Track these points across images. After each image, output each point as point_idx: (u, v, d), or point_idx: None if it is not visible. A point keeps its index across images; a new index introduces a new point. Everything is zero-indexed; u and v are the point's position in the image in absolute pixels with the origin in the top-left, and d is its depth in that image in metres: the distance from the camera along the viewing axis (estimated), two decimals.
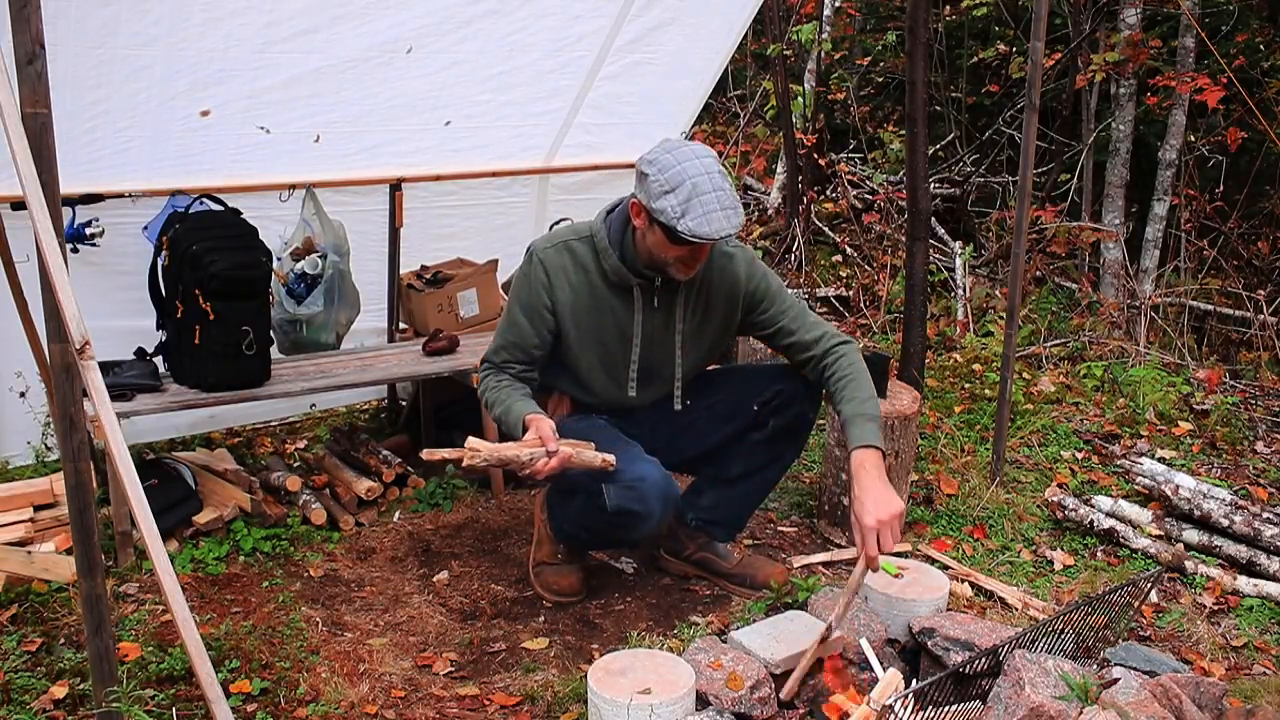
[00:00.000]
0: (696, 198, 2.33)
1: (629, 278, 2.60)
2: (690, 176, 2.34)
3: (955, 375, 4.81)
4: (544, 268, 2.62)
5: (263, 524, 3.19)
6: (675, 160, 2.37)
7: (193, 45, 3.08)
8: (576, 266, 2.62)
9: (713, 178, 2.36)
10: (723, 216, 2.34)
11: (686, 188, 2.33)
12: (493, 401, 2.66)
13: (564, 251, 2.63)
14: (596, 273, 2.62)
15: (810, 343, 2.68)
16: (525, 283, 2.65)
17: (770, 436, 2.81)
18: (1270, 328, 5.20)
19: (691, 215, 2.33)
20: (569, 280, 2.62)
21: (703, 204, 2.32)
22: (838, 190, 7.02)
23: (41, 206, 1.66)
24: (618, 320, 2.66)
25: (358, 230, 3.82)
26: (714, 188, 2.34)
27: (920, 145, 3.88)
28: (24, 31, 1.67)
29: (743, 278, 2.69)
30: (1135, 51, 5.75)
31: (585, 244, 2.63)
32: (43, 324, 1.82)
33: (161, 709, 2.28)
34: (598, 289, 2.63)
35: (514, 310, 2.67)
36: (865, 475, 2.37)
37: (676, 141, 2.46)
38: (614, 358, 2.70)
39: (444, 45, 3.56)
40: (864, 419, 2.48)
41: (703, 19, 4.24)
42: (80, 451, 1.84)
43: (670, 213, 2.34)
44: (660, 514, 2.60)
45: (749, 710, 2.23)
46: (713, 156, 2.42)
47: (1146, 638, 2.78)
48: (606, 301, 2.64)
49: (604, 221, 2.63)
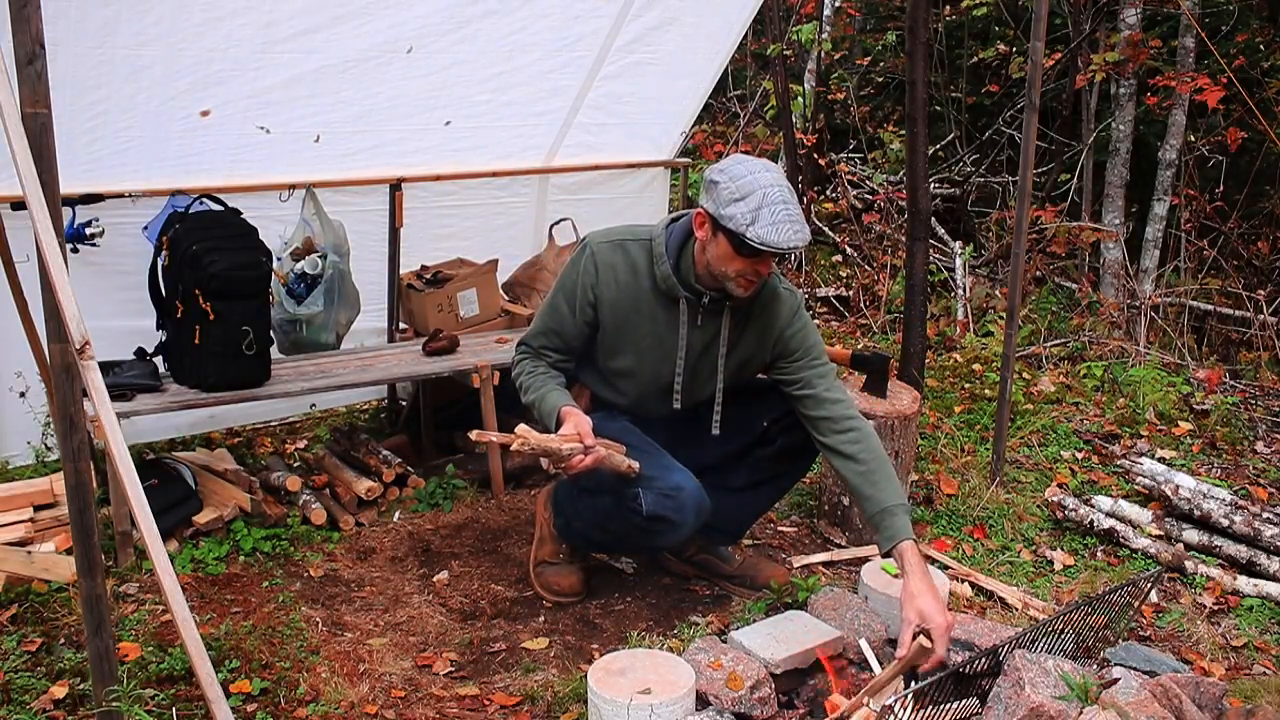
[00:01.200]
0: (767, 206, 2.32)
1: (677, 289, 2.57)
2: (762, 186, 2.34)
3: (955, 375, 4.81)
4: (595, 261, 2.61)
5: (263, 524, 3.19)
6: (747, 170, 2.37)
7: (193, 45, 3.08)
8: (628, 266, 2.61)
9: (782, 190, 2.36)
10: (791, 229, 2.33)
11: (757, 196, 2.33)
12: (527, 386, 2.66)
13: (618, 249, 2.62)
14: (647, 276, 2.60)
15: (829, 402, 2.60)
16: (574, 272, 2.64)
17: (776, 454, 2.80)
18: (1270, 328, 5.20)
19: (761, 223, 2.32)
20: (617, 278, 2.61)
21: (772, 213, 2.32)
22: (838, 190, 7.03)
23: (41, 206, 1.66)
24: (657, 329, 2.63)
25: (358, 230, 3.82)
26: (783, 200, 2.35)
27: (920, 145, 3.88)
28: (24, 31, 1.67)
29: (783, 321, 2.65)
30: (1135, 51, 5.75)
31: (642, 247, 2.62)
32: (43, 324, 1.82)
33: (161, 709, 2.28)
34: (644, 294, 2.61)
35: (557, 297, 2.67)
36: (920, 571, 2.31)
37: (744, 156, 2.46)
38: (647, 365, 2.68)
39: (444, 45, 3.56)
40: (902, 510, 2.41)
41: (703, 19, 4.24)
42: (80, 451, 1.84)
43: (740, 219, 2.33)
44: (693, 524, 2.59)
45: (749, 710, 2.23)
46: (780, 171, 2.44)
47: (1146, 638, 2.78)
48: (650, 308, 2.62)
49: (665, 229, 2.61)
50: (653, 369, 2.68)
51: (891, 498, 2.42)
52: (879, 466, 2.48)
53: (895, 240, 6.34)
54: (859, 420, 2.58)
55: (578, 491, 2.77)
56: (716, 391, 2.70)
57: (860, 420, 2.58)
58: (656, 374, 2.68)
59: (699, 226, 2.47)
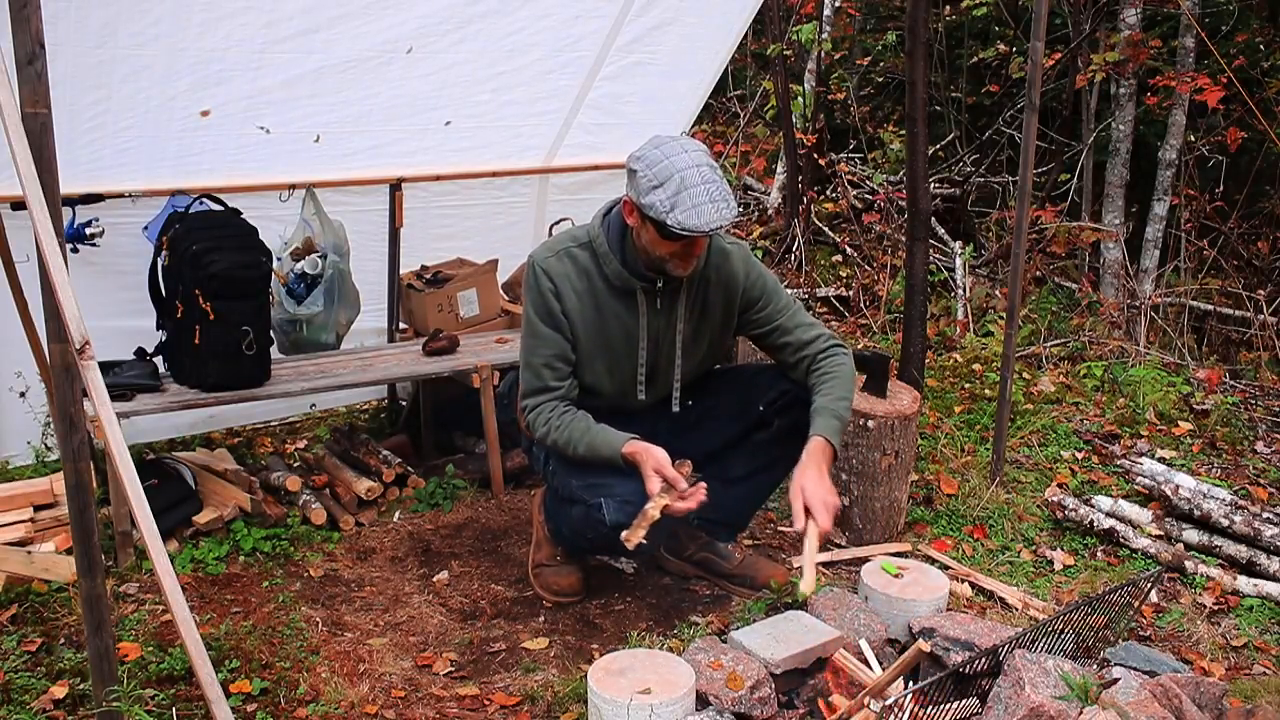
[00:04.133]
0: (685, 190, 2.32)
1: (632, 281, 2.59)
2: (679, 170, 2.33)
3: (955, 375, 4.81)
4: (549, 276, 2.60)
5: (263, 524, 3.19)
6: (663, 155, 2.37)
7: (193, 45, 3.08)
8: (579, 273, 2.61)
9: (701, 170, 2.35)
10: (712, 209, 2.33)
11: (675, 181, 2.33)
12: (566, 440, 2.58)
13: (565, 259, 2.62)
14: (599, 278, 2.61)
15: (806, 342, 2.69)
16: (536, 295, 2.62)
17: (774, 437, 2.81)
18: (1270, 328, 5.19)
19: (680, 208, 2.32)
20: (573, 287, 2.61)
21: (691, 196, 2.32)
22: (838, 190, 7.02)
23: (41, 206, 1.66)
24: (623, 324, 2.64)
25: (358, 230, 3.82)
26: (703, 180, 2.33)
27: (920, 145, 3.88)
28: (24, 31, 1.67)
29: (740, 275, 2.69)
30: (1135, 51, 5.75)
31: (585, 250, 2.62)
32: (43, 324, 1.82)
33: (161, 709, 2.28)
34: (601, 295, 2.61)
35: (536, 326, 2.63)
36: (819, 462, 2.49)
37: (665, 137, 2.45)
38: (621, 362, 2.69)
39: (444, 45, 3.56)
40: (831, 414, 2.57)
41: (703, 19, 4.24)
42: (80, 451, 1.84)
43: (659, 207, 2.33)
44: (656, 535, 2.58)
45: (749, 710, 2.23)
46: (702, 150, 2.41)
47: (1146, 638, 2.78)
48: (611, 307, 2.62)
49: (602, 225, 2.62)
50: (630, 365, 2.69)
51: (830, 403, 2.58)
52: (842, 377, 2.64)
53: (895, 240, 6.34)
54: (834, 346, 2.70)
55: (558, 500, 2.77)
56: (675, 368, 2.71)
57: (835, 344, 2.71)
58: (629, 368, 2.69)
59: (628, 215, 2.49)
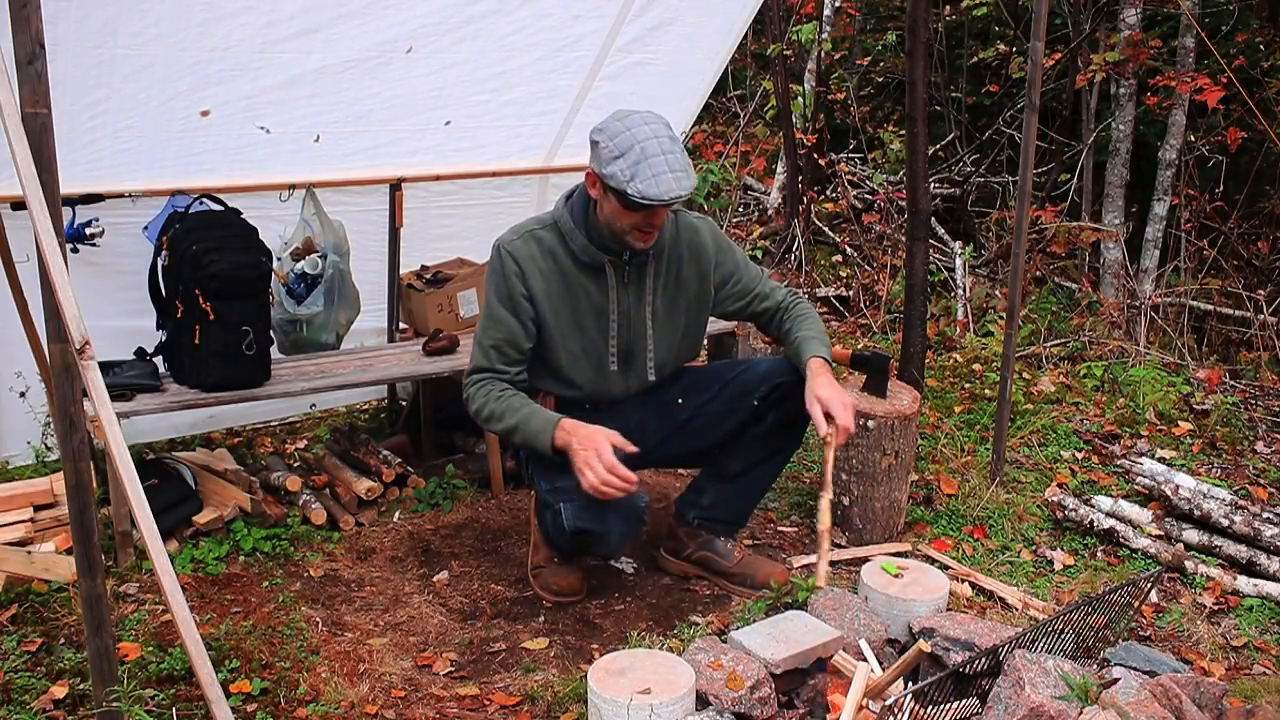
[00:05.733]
0: (645, 160, 2.35)
1: (599, 256, 2.60)
2: (639, 141, 2.36)
3: (955, 375, 4.81)
4: (514, 259, 2.61)
5: (263, 524, 3.19)
6: (624, 126, 2.39)
7: (193, 45, 3.08)
8: (545, 254, 2.62)
9: (661, 141, 2.38)
10: (672, 179, 2.36)
11: (635, 152, 2.36)
12: (499, 413, 2.57)
13: (530, 241, 2.63)
14: (566, 256, 2.61)
15: (779, 301, 2.88)
16: (499, 278, 2.62)
17: (769, 431, 2.82)
18: (1270, 328, 5.19)
19: (640, 178, 2.35)
20: (540, 268, 2.61)
21: (651, 166, 2.35)
22: (838, 190, 7.03)
23: (41, 206, 1.66)
24: (594, 302, 2.65)
25: (358, 230, 3.82)
26: (663, 150, 2.37)
27: (920, 145, 3.88)
28: (24, 31, 1.67)
29: (710, 249, 2.74)
30: (1135, 51, 5.75)
31: (550, 230, 2.64)
32: (43, 324, 1.82)
33: (161, 709, 2.28)
34: (569, 273, 2.62)
35: (493, 308, 2.63)
36: (827, 373, 2.65)
37: (627, 110, 2.47)
38: (594, 342, 2.68)
39: (444, 45, 3.56)
40: (819, 342, 2.74)
41: (703, 19, 4.24)
42: (80, 451, 1.84)
43: (620, 176, 2.36)
44: (621, 533, 2.58)
45: (749, 710, 2.23)
46: (663, 122, 2.44)
47: (1146, 638, 2.78)
48: (580, 285, 2.63)
49: (565, 205, 2.64)
50: (603, 341, 2.69)
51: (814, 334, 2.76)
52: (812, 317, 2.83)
53: (895, 240, 6.34)
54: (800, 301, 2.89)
55: (538, 503, 2.78)
56: (648, 338, 2.73)
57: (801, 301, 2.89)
58: (606, 344, 2.69)
59: (591, 186, 2.51)
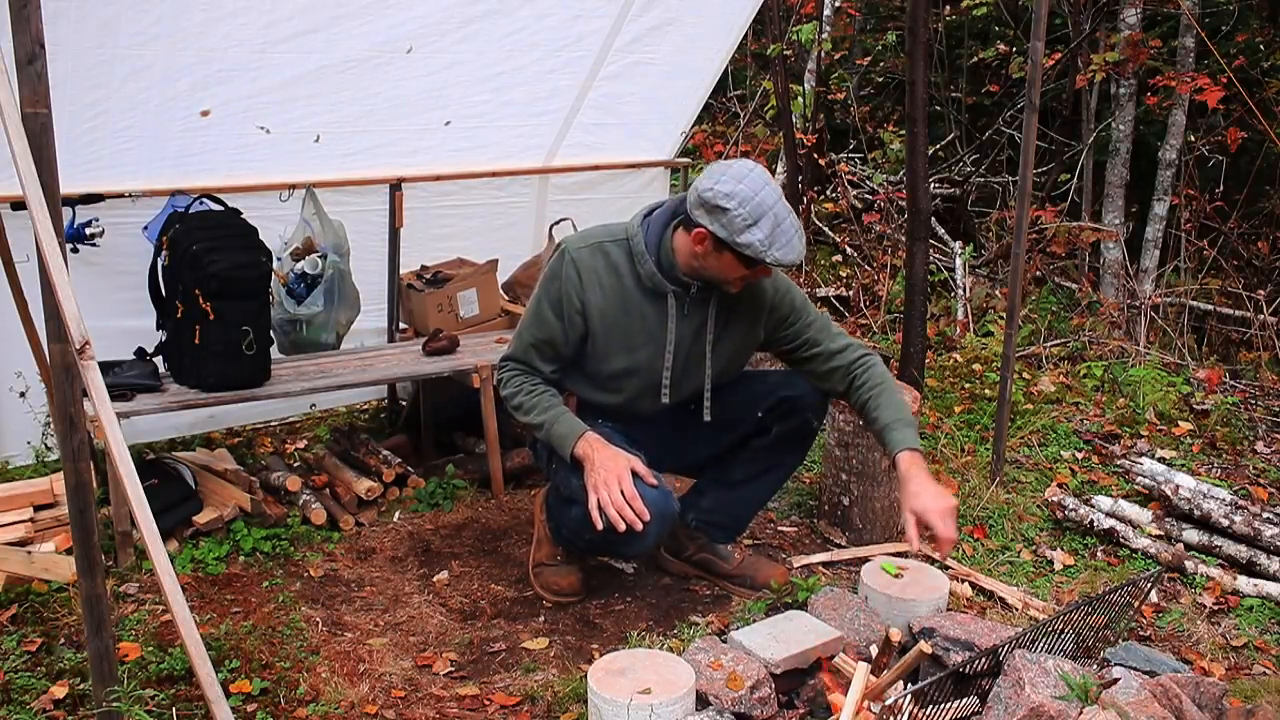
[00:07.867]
0: (779, 227, 2.40)
1: (664, 284, 2.58)
2: (770, 207, 2.39)
3: (955, 375, 4.81)
4: (576, 267, 2.59)
5: (263, 524, 3.19)
6: (751, 191, 2.38)
7: (193, 45, 3.08)
8: (609, 269, 2.60)
9: (784, 204, 2.43)
10: (799, 242, 2.44)
11: (769, 219, 2.39)
12: (528, 406, 2.63)
13: (598, 253, 2.60)
14: (630, 277, 2.60)
15: (836, 352, 2.72)
16: (556, 282, 2.60)
17: (773, 443, 2.81)
18: (1270, 328, 5.19)
19: (778, 245, 2.40)
20: (600, 282, 2.59)
21: (784, 233, 2.40)
22: (838, 190, 7.02)
23: (41, 206, 1.66)
24: (648, 326, 2.63)
25: (358, 230, 3.82)
26: (788, 213, 2.43)
27: (920, 145, 3.88)
28: (24, 31, 1.67)
29: (769, 290, 2.71)
30: (1135, 51, 5.75)
31: (620, 247, 2.61)
32: (43, 324, 1.82)
33: (161, 709, 2.28)
34: (630, 294, 2.60)
35: (542, 308, 2.63)
36: (920, 473, 2.50)
37: (736, 167, 2.43)
38: (642, 364, 2.67)
39: (444, 45, 3.57)
40: (904, 424, 2.58)
41: (703, 19, 4.24)
42: (80, 451, 1.84)
43: (758, 245, 2.38)
44: (658, 530, 2.58)
45: (749, 710, 2.23)
46: (772, 179, 2.47)
47: (1146, 638, 2.78)
48: (638, 307, 2.61)
49: (641, 224, 2.61)
50: (649, 366, 2.68)
51: (895, 413, 2.60)
52: (889, 385, 2.67)
53: (895, 240, 6.34)
54: (867, 355, 2.73)
55: (560, 500, 2.77)
56: (706, 377, 2.72)
57: (866, 352, 2.73)
58: (652, 370, 2.68)
59: (698, 243, 2.48)
